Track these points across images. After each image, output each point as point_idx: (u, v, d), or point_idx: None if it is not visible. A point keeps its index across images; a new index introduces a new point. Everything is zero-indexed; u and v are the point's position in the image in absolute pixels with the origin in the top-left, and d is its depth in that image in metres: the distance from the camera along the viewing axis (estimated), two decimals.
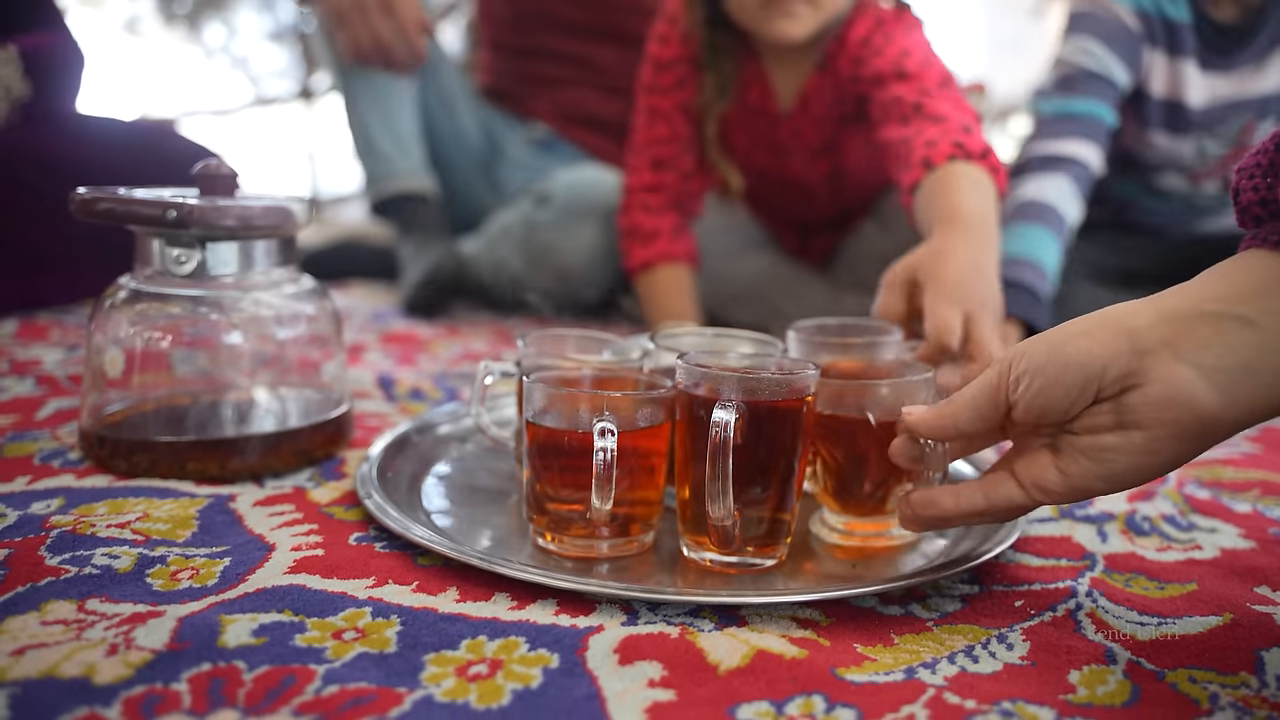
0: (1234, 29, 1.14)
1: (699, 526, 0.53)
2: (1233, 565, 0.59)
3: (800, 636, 0.47)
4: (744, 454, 0.50)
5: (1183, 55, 1.15)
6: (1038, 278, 1.03)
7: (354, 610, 0.47)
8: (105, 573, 0.49)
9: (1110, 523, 0.65)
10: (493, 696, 0.40)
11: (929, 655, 0.45)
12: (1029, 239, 1.06)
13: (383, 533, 0.57)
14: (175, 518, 0.57)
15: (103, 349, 0.65)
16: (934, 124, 0.92)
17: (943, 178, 0.83)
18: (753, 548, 0.54)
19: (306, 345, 0.71)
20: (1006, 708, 0.41)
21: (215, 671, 0.40)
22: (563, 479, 0.53)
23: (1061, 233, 1.08)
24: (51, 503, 0.58)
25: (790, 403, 0.52)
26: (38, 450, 0.67)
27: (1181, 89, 1.18)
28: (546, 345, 0.67)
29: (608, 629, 0.46)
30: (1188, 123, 1.20)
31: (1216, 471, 0.80)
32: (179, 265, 0.65)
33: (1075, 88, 1.15)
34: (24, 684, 0.39)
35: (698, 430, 0.52)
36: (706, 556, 0.54)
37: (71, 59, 1.36)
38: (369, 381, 0.95)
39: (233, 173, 0.67)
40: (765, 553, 0.54)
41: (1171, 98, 1.19)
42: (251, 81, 4.28)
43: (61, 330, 1.10)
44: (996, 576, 0.55)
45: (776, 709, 0.40)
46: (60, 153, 1.24)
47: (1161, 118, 1.21)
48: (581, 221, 1.35)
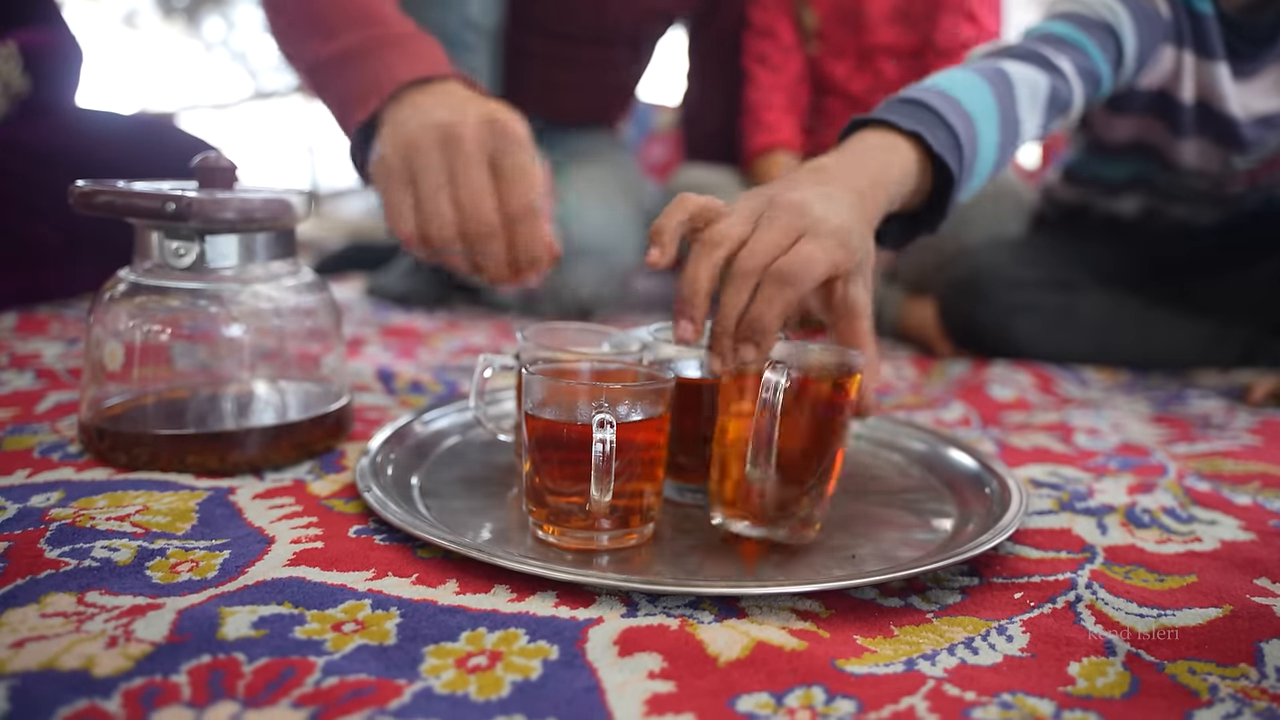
0: (1249, 25, 1.03)
1: (737, 498, 0.56)
2: (1232, 557, 0.59)
3: (800, 628, 0.47)
4: (787, 422, 0.53)
5: (1214, 59, 1.04)
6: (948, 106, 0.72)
7: (354, 602, 0.47)
8: (105, 565, 0.49)
9: (1110, 515, 0.65)
10: (492, 688, 0.40)
11: (929, 647, 0.45)
12: (961, 84, 0.77)
13: (382, 525, 0.57)
14: (175, 510, 0.57)
15: (102, 342, 0.65)
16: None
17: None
18: (786, 529, 0.56)
19: (306, 338, 0.71)
20: (1006, 699, 0.41)
21: (215, 663, 0.40)
22: (562, 471, 0.53)
23: (1006, 107, 0.79)
24: (51, 496, 0.58)
25: (837, 381, 0.56)
26: (37, 443, 0.67)
27: (1219, 98, 1.06)
28: (545, 338, 0.67)
29: (607, 621, 0.46)
30: (1225, 134, 1.10)
31: (1217, 464, 0.80)
32: (178, 258, 0.64)
33: (1085, 28, 0.95)
34: (23, 676, 0.39)
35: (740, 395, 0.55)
36: (740, 527, 0.56)
37: (71, 54, 1.36)
38: (369, 374, 0.95)
39: (232, 166, 0.66)
40: (801, 532, 0.56)
41: (1206, 103, 1.08)
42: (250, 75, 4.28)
43: (61, 324, 1.10)
44: (996, 568, 0.55)
45: (776, 700, 0.40)
46: (59, 146, 1.23)
47: (1195, 124, 1.10)
48: (581, 260, 1.35)
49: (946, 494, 0.68)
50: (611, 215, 1.39)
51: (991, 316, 1.25)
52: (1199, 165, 1.15)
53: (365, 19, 0.74)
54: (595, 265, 1.36)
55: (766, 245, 0.55)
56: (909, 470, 0.73)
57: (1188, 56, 1.04)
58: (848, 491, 0.67)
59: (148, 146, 1.33)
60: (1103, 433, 0.89)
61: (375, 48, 0.72)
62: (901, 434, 0.78)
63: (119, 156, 1.27)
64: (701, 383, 0.62)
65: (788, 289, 0.54)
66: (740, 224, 0.57)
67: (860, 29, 1.43)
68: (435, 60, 0.71)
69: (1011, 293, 1.25)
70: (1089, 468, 0.77)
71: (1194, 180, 1.19)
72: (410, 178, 0.64)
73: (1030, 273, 1.27)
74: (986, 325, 1.25)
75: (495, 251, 0.63)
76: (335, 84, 0.75)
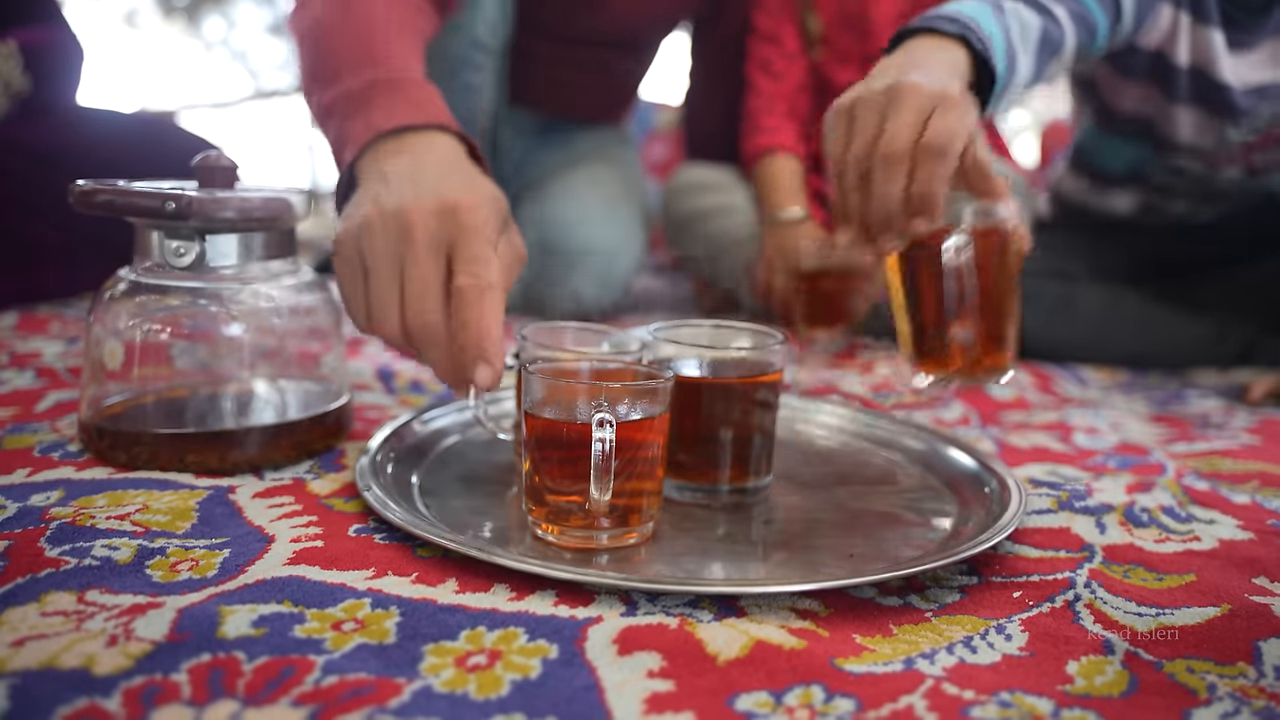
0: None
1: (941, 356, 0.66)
2: (1231, 556, 0.59)
3: (799, 627, 0.47)
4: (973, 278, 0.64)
5: (1209, 24, 1.06)
6: (974, 25, 0.76)
7: (353, 601, 0.47)
8: (105, 564, 0.49)
9: (1109, 514, 0.65)
10: (492, 687, 0.40)
11: (928, 646, 0.45)
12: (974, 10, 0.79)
13: (382, 524, 0.57)
14: (175, 509, 0.57)
15: (102, 341, 0.65)
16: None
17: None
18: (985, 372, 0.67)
19: (306, 337, 0.71)
20: (1005, 698, 0.41)
21: (215, 662, 0.40)
22: (562, 470, 0.53)
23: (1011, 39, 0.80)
24: (51, 495, 0.58)
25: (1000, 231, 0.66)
26: (37, 442, 0.67)
27: (1211, 62, 1.08)
28: (545, 338, 0.67)
29: (607, 620, 0.46)
30: (1218, 101, 1.12)
31: (1215, 463, 0.80)
32: (178, 257, 0.64)
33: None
34: (24, 675, 0.39)
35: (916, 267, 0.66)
36: (929, 379, 0.68)
37: (71, 53, 1.36)
38: (369, 374, 0.95)
39: (232, 165, 0.66)
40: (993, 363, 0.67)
41: (1200, 68, 1.10)
42: (251, 74, 4.28)
43: (61, 323, 1.10)
44: (995, 567, 0.55)
45: (775, 699, 0.40)
46: (60, 146, 1.23)
47: (1190, 90, 1.12)
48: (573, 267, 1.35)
49: (946, 493, 0.68)
50: (613, 218, 1.39)
51: None
52: (1195, 140, 1.16)
53: (367, 60, 0.71)
54: (595, 268, 1.36)
55: (905, 128, 0.61)
56: (908, 469, 0.73)
57: (1184, 18, 1.06)
58: (847, 491, 0.67)
59: (148, 146, 1.33)
60: (1101, 432, 0.89)
61: (367, 92, 0.69)
62: (901, 433, 0.78)
63: (119, 156, 1.27)
64: (701, 382, 0.62)
65: (943, 161, 0.61)
66: (869, 116, 0.64)
67: (865, 34, 1.43)
68: (421, 106, 0.68)
69: None
70: (1088, 467, 0.77)
71: (1190, 163, 1.19)
72: (362, 267, 0.59)
73: (1027, 262, 1.27)
74: None
75: (437, 358, 0.59)
76: (330, 131, 0.72)
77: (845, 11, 1.44)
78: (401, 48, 0.75)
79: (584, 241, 1.33)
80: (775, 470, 0.67)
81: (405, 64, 0.73)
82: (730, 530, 0.59)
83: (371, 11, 0.76)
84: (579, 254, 1.34)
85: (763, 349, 0.64)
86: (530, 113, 1.52)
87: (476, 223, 0.58)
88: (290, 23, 0.83)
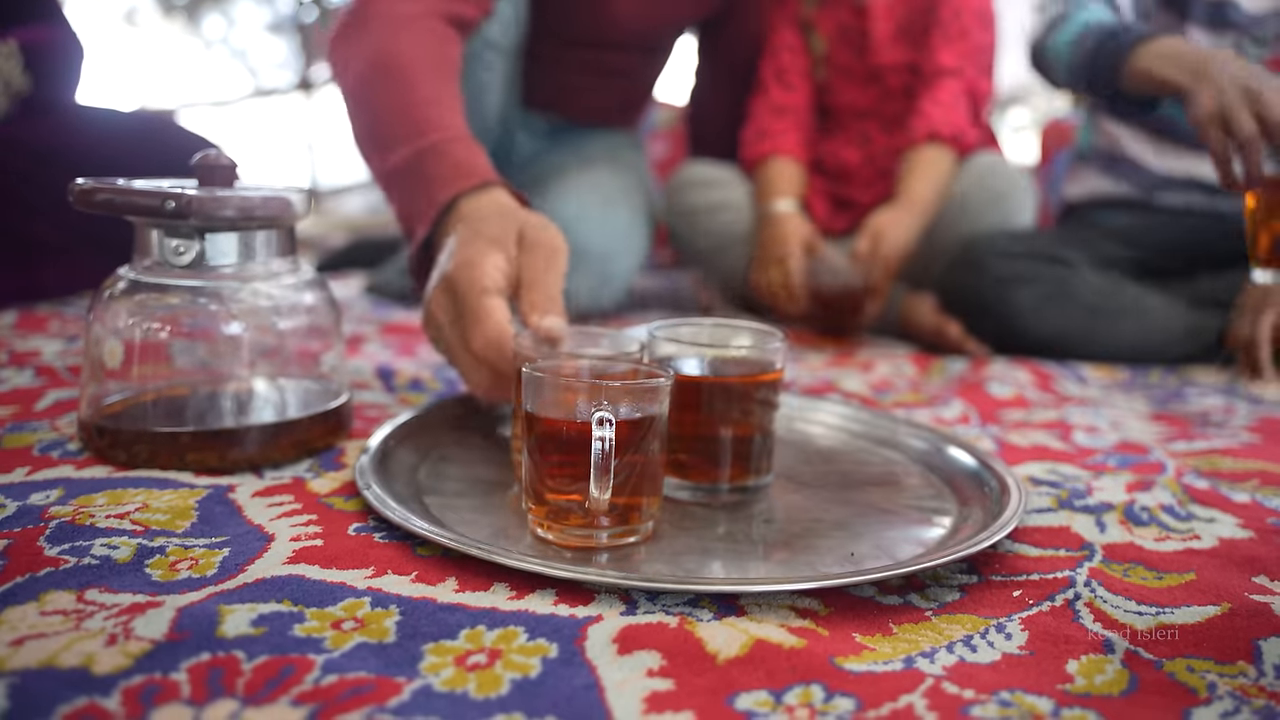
0: None
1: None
2: (1231, 555, 0.59)
3: (799, 626, 0.47)
4: None
5: None
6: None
7: (353, 600, 0.47)
8: (104, 563, 0.49)
9: (1109, 513, 0.65)
10: (491, 686, 0.40)
11: (928, 645, 0.45)
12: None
13: (382, 523, 0.57)
14: (174, 508, 0.57)
15: (102, 340, 0.65)
16: (935, 106, 1.37)
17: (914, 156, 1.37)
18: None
19: (306, 336, 0.71)
20: (1005, 697, 0.41)
21: (214, 661, 0.40)
22: (561, 469, 0.53)
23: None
24: (50, 493, 0.58)
25: None
26: (37, 441, 0.67)
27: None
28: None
29: (606, 619, 0.46)
30: (1230, 20, 1.20)
31: (1215, 462, 0.80)
32: (178, 256, 0.64)
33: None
34: (23, 674, 0.39)
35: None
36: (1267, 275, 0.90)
37: (71, 52, 1.36)
38: (368, 372, 0.95)
39: (232, 163, 0.66)
40: None
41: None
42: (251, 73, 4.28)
43: (61, 321, 1.10)
44: (995, 566, 0.55)
45: (775, 698, 0.40)
46: (60, 144, 1.23)
47: (1204, 11, 1.22)
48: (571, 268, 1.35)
49: (945, 492, 0.68)
50: (612, 219, 1.39)
51: (990, 288, 1.26)
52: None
53: (415, 130, 0.79)
54: (593, 270, 1.36)
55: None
56: (908, 468, 0.73)
57: None
58: (847, 490, 0.67)
59: (148, 144, 1.34)
60: (1101, 430, 0.89)
61: (418, 164, 0.78)
62: (901, 432, 0.78)
63: (119, 154, 1.27)
64: (701, 381, 0.62)
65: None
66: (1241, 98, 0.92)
67: (865, 50, 1.45)
68: (467, 171, 0.75)
69: (1007, 263, 1.27)
70: (1088, 465, 0.77)
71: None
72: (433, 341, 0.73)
73: (1024, 246, 1.30)
74: (986, 297, 1.26)
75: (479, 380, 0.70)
76: (393, 200, 0.82)
77: (845, 29, 1.46)
78: (441, 101, 0.82)
79: (580, 241, 1.33)
80: (775, 469, 0.67)
81: (445, 120, 0.80)
82: (730, 529, 0.59)
83: (407, 64, 0.84)
84: (575, 254, 1.34)
85: (763, 348, 0.64)
86: (543, 116, 1.53)
87: (479, 284, 0.66)
88: (331, 65, 0.93)
